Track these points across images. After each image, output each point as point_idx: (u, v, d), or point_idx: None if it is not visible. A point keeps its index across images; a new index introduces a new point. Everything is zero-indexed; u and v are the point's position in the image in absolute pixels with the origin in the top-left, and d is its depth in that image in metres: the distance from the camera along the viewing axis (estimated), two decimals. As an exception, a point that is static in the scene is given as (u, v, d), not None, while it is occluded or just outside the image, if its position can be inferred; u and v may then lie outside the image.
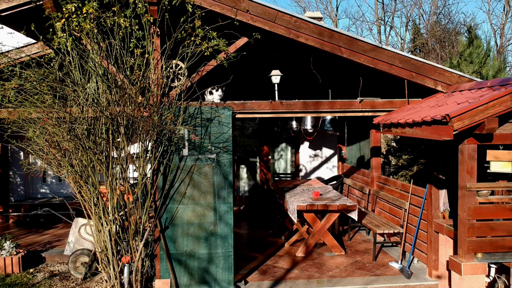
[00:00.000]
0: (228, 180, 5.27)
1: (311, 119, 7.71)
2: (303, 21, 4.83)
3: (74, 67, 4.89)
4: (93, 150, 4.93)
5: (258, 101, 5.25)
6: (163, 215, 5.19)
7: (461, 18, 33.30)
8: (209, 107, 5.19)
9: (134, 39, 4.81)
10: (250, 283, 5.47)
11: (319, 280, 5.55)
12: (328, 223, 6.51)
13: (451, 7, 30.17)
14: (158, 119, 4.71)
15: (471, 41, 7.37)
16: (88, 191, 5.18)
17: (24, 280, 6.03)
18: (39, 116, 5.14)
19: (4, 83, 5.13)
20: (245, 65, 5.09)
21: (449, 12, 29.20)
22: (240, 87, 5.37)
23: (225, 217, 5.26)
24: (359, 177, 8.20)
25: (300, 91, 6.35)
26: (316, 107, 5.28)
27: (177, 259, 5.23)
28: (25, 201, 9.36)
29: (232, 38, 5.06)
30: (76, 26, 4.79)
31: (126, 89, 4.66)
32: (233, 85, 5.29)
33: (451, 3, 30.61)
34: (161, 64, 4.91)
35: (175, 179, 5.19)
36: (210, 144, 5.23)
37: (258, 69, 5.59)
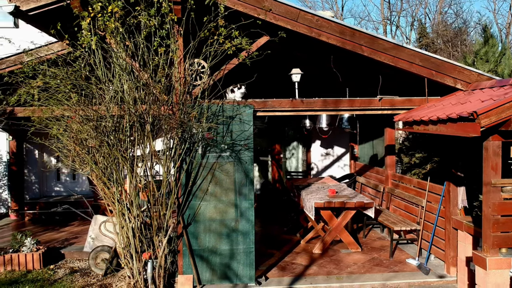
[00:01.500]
0: (249, 177, 5.33)
1: (327, 117, 7.77)
2: (324, 20, 4.89)
3: (99, 66, 4.96)
4: (118, 147, 5.01)
5: (279, 99, 5.32)
6: (186, 212, 5.26)
7: (471, 18, 33.31)
8: (230, 105, 5.25)
9: (158, 38, 4.88)
10: (270, 279, 5.53)
11: (338, 276, 5.62)
12: (345, 220, 6.57)
13: (463, 5, 30.15)
14: (183, 117, 4.77)
15: (486, 40, 7.43)
16: (111, 187, 5.26)
17: (45, 276, 6.11)
18: (63, 114, 5.21)
19: (30, 82, 5.20)
20: (265, 63, 5.15)
21: (459, 11, 29.27)
22: (260, 86, 5.44)
23: (246, 213, 5.33)
24: (372, 175, 8.26)
25: (319, 90, 6.39)
26: (336, 105, 5.34)
27: (199, 255, 5.30)
28: (40, 199, 9.45)
29: (254, 37, 5.12)
30: (101, 25, 4.86)
31: (152, 87, 4.73)
32: (254, 84, 5.35)
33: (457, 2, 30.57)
34: (186, 63, 4.97)
35: (197, 176, 5.26)
36: (231, 141, 5.29)
37: (277, 68, 5.66)
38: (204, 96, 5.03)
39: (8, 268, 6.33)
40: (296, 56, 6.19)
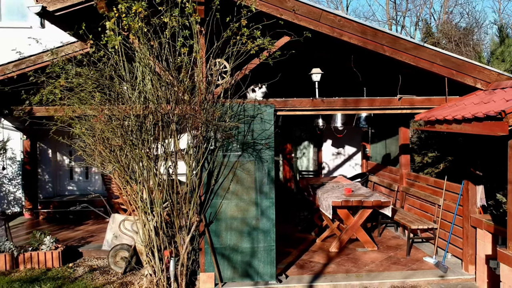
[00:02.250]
0: (270, 176, 5.38)
1: (342, 117, 7.81)
2: (347, 20, 4.94)
3: (123, 65, 5.01)
4: (141, 146, 5.06)
5: (300, 98, 5.36)
6: (208, 210, 5.31)
7: (485, 17, 33.24)
8: (252, 105, 5.30)
9: (181, 38, 4.93)
10: (290, 277, 5.58)
11: (357, 274, 5.66)
12: (361, 219, 6.62)
13: (475, 5, 30.12)
14: (207, 116, 4.82)
15: (502, 39, 7.47)
16: (134, 186, 5.31)
17: (65, 274, 6.17)
18: (86, 113, 5.26)
19: (53, 82, 5.26)
20: (284, 63, 5.18)
21: (472, 11, 29.22)
22: (280, 85, 5.47)
23: (267, 212, 5.38)
24: (385, 174, 8.30)
25: (336, 89, 6.44)
26: (356, 104, 5.39)
27: (220, 253, 5.35)
28: (53, 198, 9.51)
29: (274, 37, 5.16)
30: (125, 25, 4.91)
31: (177, 86, 4.78)
32: (274, 83, 5.40)
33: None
34: (210, 63, 5.02)
35: (219, 174, 5.30)
36: (252, 140, 5.34)
37: (296, 67, 5.70)
38: (227, 95, 5.07)
39: (28, 266, 6.39)
40: (315, 55, 6.23)
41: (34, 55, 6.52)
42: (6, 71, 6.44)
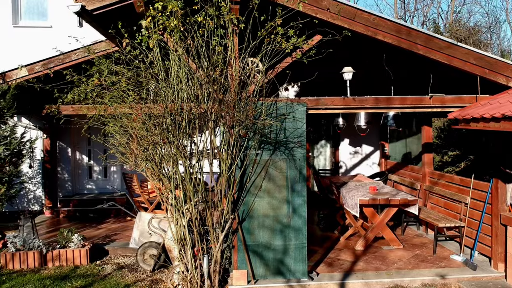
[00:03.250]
0: (302, 174, 5.41)
1: (365, 115, 7.84)
2: (381, 19, 4.97)
3: (158, 64, 5.05)
4: (176, 144, 5.09)
5: (331, 97, 5.39)
6: (240, 208, 5.34)
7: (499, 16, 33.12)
8: (284, 103, 5.33)
9: (216, 37, 4.96)
10: (321, 274, 5.61)
11: (388, 272, 5.69)
12: (387, 217, 6.65)
13: (495, 3, 30.03)
14: (241, 115, 4.85)
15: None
16: (167, 183, 5.34)
17: (94, 271, 6.21)
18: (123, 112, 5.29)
19: (85, 80, 5.29)
20: (315, 62, 5.21)
21: (491, 10, 29.13)
22: (311, 84, 5.50)
23: (299, 209, 5.41)
24: (406, 173, 8.33)
25: (364, 88, 6.47)
26: (388, 103, 5.42)
27: (253, 251, 5.39)
28: (73, 196, 9.56)
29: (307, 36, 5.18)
30: (161, 24, 4.94)
31: (212, 85, 4.81)
32: (305, 81, 5.43)
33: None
34: (246, 61, 5.05)
35: (251, 172, 5.34)
36: (285, 139, 5.37)
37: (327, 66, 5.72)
38: (262, 94, 5.10)
39: (56, 263, 6.43)
40: (344, 54, 6.25)
41: (62, 54, 6.56)
42: (34, 70, 6.48)
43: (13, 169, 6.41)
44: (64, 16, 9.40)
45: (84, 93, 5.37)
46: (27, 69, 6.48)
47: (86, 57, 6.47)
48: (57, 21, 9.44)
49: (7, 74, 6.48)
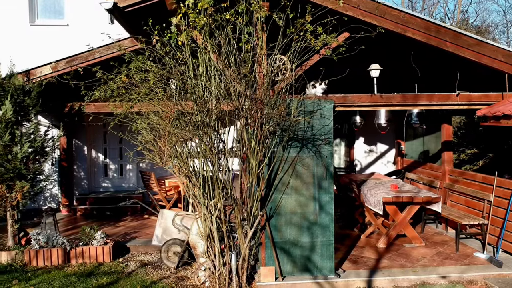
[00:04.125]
0: (329, 171, 5.42)
1: (386, 113, 7.84)
2: (410, 16, 4.98)
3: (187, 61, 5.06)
4: (206, 141, 5.11)
5: (358, 94, 5.41)
6: (268, 205, 5.35)
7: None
8: (311, 101, 5.34)
9: (246, 34, 4.97)
10: (348, 271, 5.63)
11: (414, 269, 5.70)
12: (410, 215, 6.66)
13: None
14: (271, 112, 4.86)
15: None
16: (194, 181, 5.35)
17: (118, 268, 6.23)
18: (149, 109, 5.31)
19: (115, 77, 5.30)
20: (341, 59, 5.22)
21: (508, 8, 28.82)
22: (337, 81, 5.51)
23: (326, 207, 5.43)
24: (424, 171, 8.34)
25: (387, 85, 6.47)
26: (415, 100, 5.43)
27: (280, 247, 5.40)
28: (89, 194, 9.59)
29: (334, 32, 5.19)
30: (191, 22, 4.96)
31: (241, 83, 4.82)
32: (333, 79, 5.44)
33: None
34: (274, 59, 5.06)
35: (278, 170, 5.35)
36: (312, 136, 5.39)
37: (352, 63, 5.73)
38: (291, 91, 5.11)
39: (80, 260, 6.45)
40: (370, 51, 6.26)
41: (85, 52, 6.58)
42: (58, 68, 6.50)
43: (37, 166, 6.43)
44: (81, 15, 9.43)
45: (111, 90, 5.39)
46: (51, 67, 6.50)
47: (109, 55, 6.50)
48: (73, 19, 9.46)
49: (32, 72, 6.51)
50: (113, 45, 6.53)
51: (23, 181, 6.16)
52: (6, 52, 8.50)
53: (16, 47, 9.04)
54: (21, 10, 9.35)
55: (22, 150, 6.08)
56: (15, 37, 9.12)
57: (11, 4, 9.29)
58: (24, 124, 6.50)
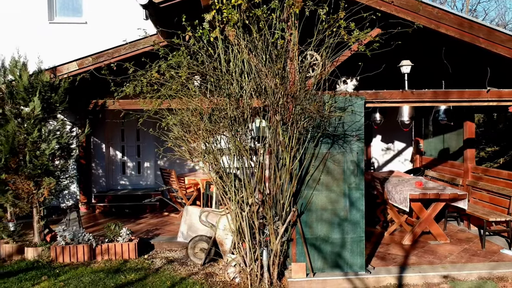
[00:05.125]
0: (360, 168, 5.42)
1: (409, 110, 7.82)
2: (444, 12, 4.97)
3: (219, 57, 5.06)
4: (239, 137, 5.11)
5: (390, 90, 5.40)
6: (299, 201, 5.36)
7: None
8: (342, 97, 5.34)
9: (279, 30, 4.97)
10: (377, 268, 5.62)
11: (443, 265, 5.70)
12: (435, 212, 6.65)
13: None
14: (299, 109, 4.85)
15: None
16: (225, 177, 5.35)
17: (144, 265, 6.23)
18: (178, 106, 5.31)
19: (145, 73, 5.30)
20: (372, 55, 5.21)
21: None
22: (368, 77, 5.50)
23: (357, 203, 5.42)
24: (445, 169, 8.33)
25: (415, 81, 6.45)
26: (446, 96, 5.42)
27: (311, 244, 5.40)
28: (107, 192, 9.60)
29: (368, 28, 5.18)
30: (224, 18, 4.96)
31: (273, 78, 4.82)
32: (364, 75, 5.43)
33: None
34: (306, 55, 5.06)
35: (309, 166, 5.35)
36: (343, 132, 5.38)
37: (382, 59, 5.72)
38: (325, 87, 5.11)
39: (105, 257, 6.46)
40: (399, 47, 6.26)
41: (111, 49, 6.58)
42: (84, 64, 6.51)
43: (63, 163, 6.44)
44: (99, 13, 9.44)
45: (140, 86, 5.39)
46: (77, 64, 6.51)
47: (135, 52, 6.50)
48: (92, 17, 9.47)
49: (58, 69, 6.52)
50: (139, 42, 6.53)
51: (50, 178, 6.17)
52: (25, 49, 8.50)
53: (35, 45, 9.04)
54: (40, 8, 9.37)
55: (50, 147, 6.09)
56: (34, 34, 9.13)
57: (30, 2, 9.31)
58: (49, 121, 6.51)
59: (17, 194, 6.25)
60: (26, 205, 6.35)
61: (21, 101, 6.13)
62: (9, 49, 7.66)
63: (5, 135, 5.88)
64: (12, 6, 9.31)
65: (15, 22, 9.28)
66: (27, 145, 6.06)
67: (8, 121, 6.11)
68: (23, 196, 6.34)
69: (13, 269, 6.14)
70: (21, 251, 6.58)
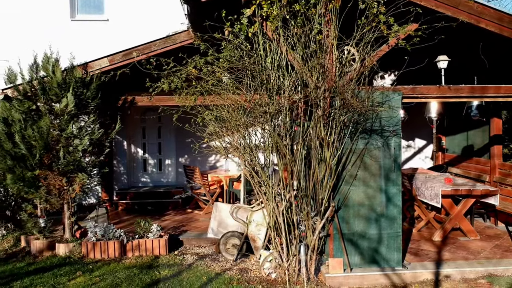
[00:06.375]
0: (397, 163, 5.42)
1: (437, 107, 7.80)
2: (484, 6, 4.97)
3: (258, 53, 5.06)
4: (278, 132, 5.11)
5: (427, 86, 5.39)
6: (336, 197, 5.35)
7: None
8: (380, 92, 5.33)
9: (318, 25, 4.97)
10: (413, 264, 5.62)
11: (478, 261, 5.69)
12: (465, 208, 6.64)
13: None
14: (357, 103, 4.85)
15: None
16: (262, 173, 5.35)
17: (176, 261, 6.23)
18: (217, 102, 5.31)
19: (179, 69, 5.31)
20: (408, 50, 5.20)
21: None
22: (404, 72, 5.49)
23: (394, 198, 5.42)
24: (470, 165, 8.31)
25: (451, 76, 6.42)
26: (483, 91, 5.41)
27: (348, 239, 5.40)
28: (129, 189, 9.60)
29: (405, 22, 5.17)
30: (264, 13, 4.96)
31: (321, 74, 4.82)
32: (399, 70, 5.43)
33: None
34: (344, 50, 5.06)
35: (346, 161, 5.34)
36: (380, 127, 5.38)
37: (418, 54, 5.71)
38: (364, 82, 5.10)
39: (136, 253, 6.47)
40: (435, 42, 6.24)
41: (142, 45, 6.58)
42: (115, 60, 6.51)
43: (95, 159, 6.45)
44: (121, 10, 9.45)
45: (176, 82, 5.39)
46: (108, 60, 6.51)
47: (166, 48, 6.50)
48: (113, 14, 9.48)
49: (89, 65, 6.52)
50: (170, 38, 6.53)
51: (83, 174, 6.18)
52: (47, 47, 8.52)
53: (57, 42, 9.02)
54: (62, 6, 9.38)
55: (83, 143, 6.09)
56: (56, 32, 9.13)
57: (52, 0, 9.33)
58: (81, 117, 6.53)
59: (48, 190, 6.26)
60: (57, 201, 6.36)
61: (54, 97, 6.14)
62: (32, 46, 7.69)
63: (39, 131, 5.88)
64: (34, 3, 9.32)
65: (37, 19, 9.29)
66: (60, 141, 6.06)
67: (41, 117, 6.13)
68: (54, 192, 6.35)
69: (46, 264, 6.16)
70: (51, 247, 6.59)
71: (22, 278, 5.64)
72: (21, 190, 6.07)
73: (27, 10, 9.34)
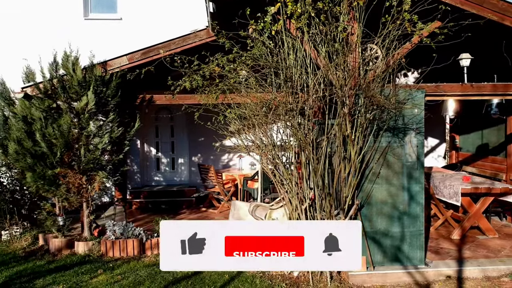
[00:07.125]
0: (420, 161, 5.41)
1: (455, 105, 7.79)
2: (509, 4, 4.96)
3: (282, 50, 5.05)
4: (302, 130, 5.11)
5: (449, 83, 5.39)
6: (359, 195, 5.35)
7: None
8: (403, 90, 5.32)
9: (342, 23, 4.97)
10: (435, 262, 5.61)
11: (500, 259, 5.68)
12: (484, 206, 6.63)
13: None
14: (387, 102, 4.84)
15: None
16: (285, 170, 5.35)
17: (196, 259, 6.23)
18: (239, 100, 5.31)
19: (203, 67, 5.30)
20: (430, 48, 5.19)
21: None
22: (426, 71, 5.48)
23: (416, 196, 5.41)
24: (486, 164, 8.30)
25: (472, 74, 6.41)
26: (505, 89, 5.40)
27: (371, 237, 5.39)
28: (142, 188, 9.60)
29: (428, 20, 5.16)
30: (288, 11, 4.96)
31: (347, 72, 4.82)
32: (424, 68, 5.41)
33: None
34: (368, 48, 5.05)
35: (369, 159, 5.34)
36: (403, 125, 5.37)
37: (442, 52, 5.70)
38: (387, 80, 5.10)
39: (155, 251, 6.47)
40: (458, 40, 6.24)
41: (161, 43, 6.57)
42: (134, 59, 6.51)
43: (114, 158, 6.45)
44: (134, 9, 9.45)
45: (198, 80, 5.39)
46: (127, 58, 6.50)
47: (185, 46, 6.49)
48: (126, 13, 9.49)
49: (108, 63, 6.52)
50: (189, 36, 6.53)
51: (103, 172, 6.18)
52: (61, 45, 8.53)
53: (70, 41, 9.05)
54: (75, 5, 9.39)
55: (102, 141, 6.10)
56: (69, 30, 9.14)
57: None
58: (100, 116, 6.53)
59: (68, 188, 6.26)
60: (76, 199, 6.36)
61: (74, 95, 6.15)
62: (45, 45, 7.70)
63: (60, 130, 5.89)
64: (47, 3, 9.32)
65: (50, 19, 9.30)
66: (81, 139, 6.07)
67: (61, 116, 6.13)
68: (73, 191, 6.35)
69: (66, 263, 6.16)
70: (70, 245, 6.59)
71: (44, 276, 5.64)
72: (41, 188, 6.08)
73: (40, 10, 9.34)
